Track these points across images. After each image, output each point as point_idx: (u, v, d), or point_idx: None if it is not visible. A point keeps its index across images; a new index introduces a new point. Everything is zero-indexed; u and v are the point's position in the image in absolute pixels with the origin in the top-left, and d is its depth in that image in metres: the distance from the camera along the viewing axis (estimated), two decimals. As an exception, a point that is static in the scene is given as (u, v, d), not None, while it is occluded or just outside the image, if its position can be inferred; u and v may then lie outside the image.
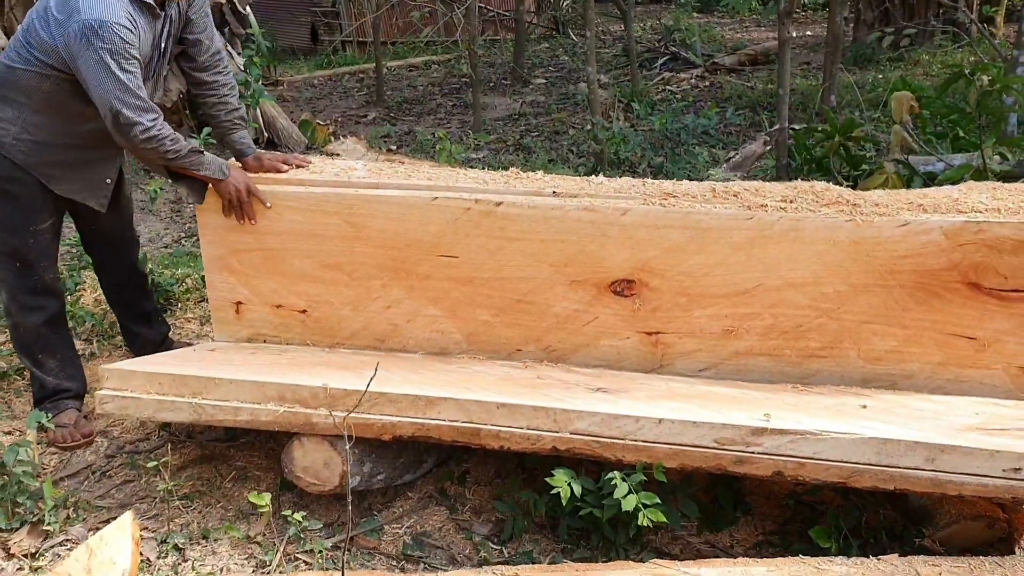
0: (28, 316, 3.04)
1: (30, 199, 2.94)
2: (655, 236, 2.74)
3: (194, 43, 3.03)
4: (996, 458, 2.15)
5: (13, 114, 2.85)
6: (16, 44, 2.85)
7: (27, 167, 2.89)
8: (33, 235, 2.97)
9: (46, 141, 2.88)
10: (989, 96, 4.33)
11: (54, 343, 3.12)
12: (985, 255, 2.55)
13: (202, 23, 3.03)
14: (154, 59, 2.91)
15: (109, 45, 2.64)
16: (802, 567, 2.18)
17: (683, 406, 2.43)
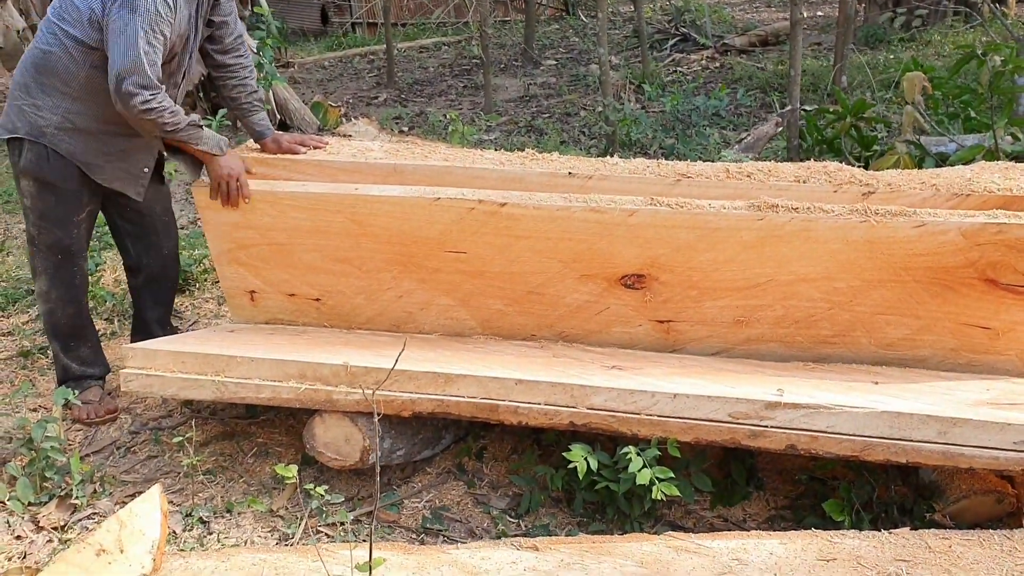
0: (67, 307, 3.10)
1: (73, 190, 2.98)
2: (663, 235, 2.71)
3: (220, 25, 3.07)
4: (1007, 431, 2.19)
5: (52, 103, 2.88)
6: (48, 25, 2.87)
7: (70, 156, 2.93)
8: (76, 226, 3.03)
9: (86, 129, 2.92)
10: (1001, 77, 4.34)
11: (88, 333, 3.19)
12: (1004, 254, 2.52)
13: (228, 6, 3.08)
14: (190, 38, 2.95)
15: (145, 14, 2.69)
16: (815, 540, 2.23)
17: (697, 381, 2.47)
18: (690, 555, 2.18)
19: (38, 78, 2.89)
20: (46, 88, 2.87)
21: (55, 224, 2.99)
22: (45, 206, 2.96)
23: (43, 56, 2.86)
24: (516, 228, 2.79)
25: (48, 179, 2.94)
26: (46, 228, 2.99)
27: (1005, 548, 2.18)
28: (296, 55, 11.33)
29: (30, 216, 3.01)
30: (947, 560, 2.12)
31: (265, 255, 3.05)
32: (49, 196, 2.95)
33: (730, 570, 2.12)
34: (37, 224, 3.00)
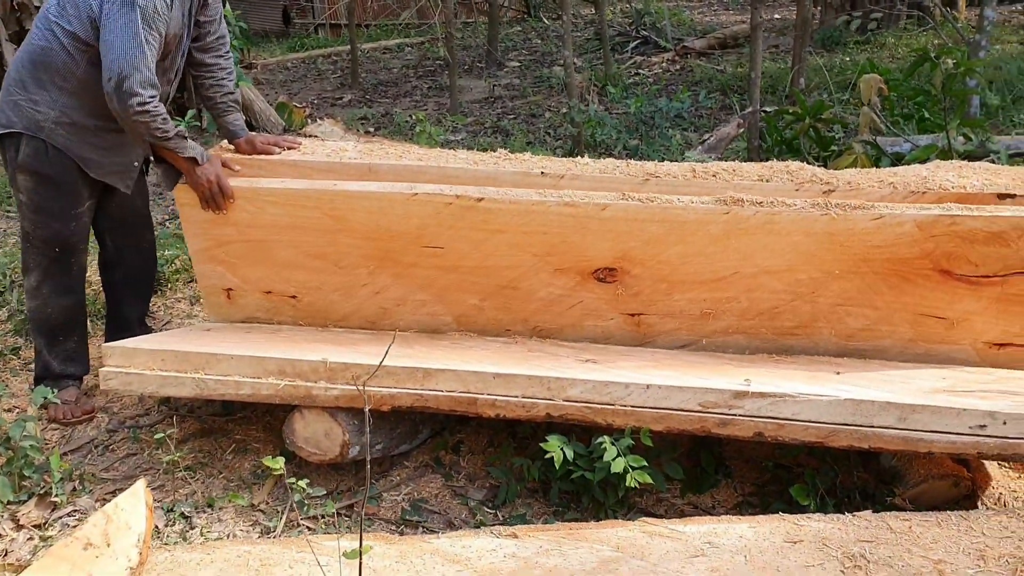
0: (62, 298, 3.11)
1: (71, 183, 3.01)
2: (635, 229, 2.80)
3: (206, 24, 3.11)
4: (963, 416, 2.30)
5: (50, 98, 2.91)
6: (45, 22, 2.89)
7: (67, 150, 2.96)
8: (75, 219, 3.05)
9: (82, 124, 2.95)
10: (953, 79, 4.50)
11: (79, 325, 3.21)
12: (957, 245, 2.64)
13: (215, 6, 3.12)
14: (183, 38, 2.99)
15: (143, 11, 2.73)
16: (782, 523, 2.33)
17: (669, 373, 2.56)
18: (664, 539, 2.27)
19: (35, 73, 2.91)
20: (43, 83, 2.90)
21: (54, 218, 3.01)
22: (43, 200, 2.98)
23: (41, 52, 2.89)
24: (492, 222, 2.86)
25: (47, 173, 2.97)
26: (43, 222, 3.01)
27: (962, 528, 2.29)
28: (259, 56, 11.30)
29: (26, 211, 3.03)
30: (907, 540, 2.22)
31: (243, 252, 3.08)
32: (48, 190, 2.98)
33: (702, 553, 2.21)
34: (33, 219, 3.02)
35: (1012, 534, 2.25)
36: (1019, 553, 2.16)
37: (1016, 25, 10.29)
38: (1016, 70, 7.04)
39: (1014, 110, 6.50)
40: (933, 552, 2.17)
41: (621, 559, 2.20)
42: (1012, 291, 2.67)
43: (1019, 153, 4.83)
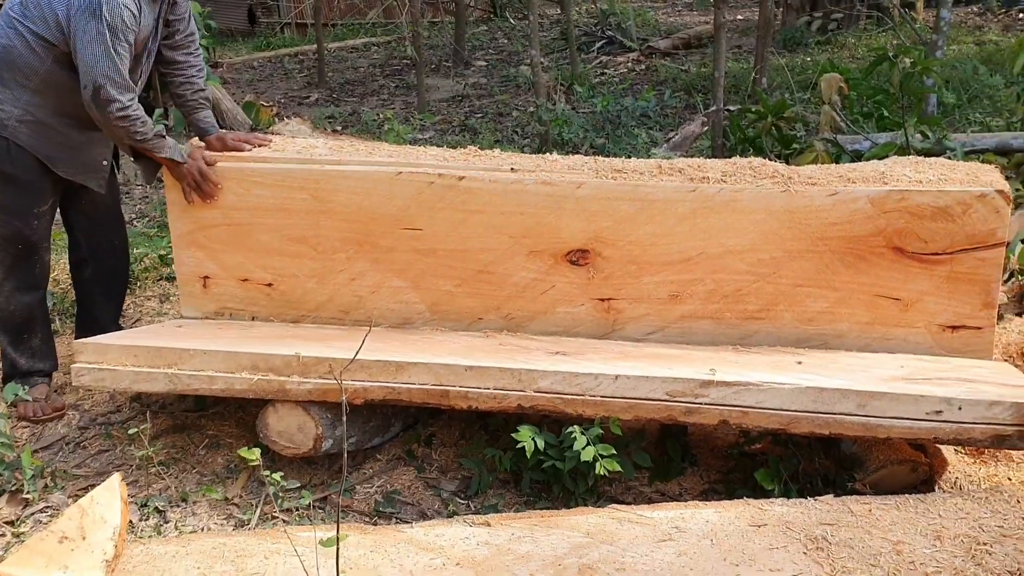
0: (24, 295, 3.11)
1: (33, 182, 3.00)
2: (607, 208, 2.93)
3: (175, 22, 3.13)
4: (920, 402, 2.39)
5: (13, 95, 2.91)
6: (7, 20, 2.89)
7: (31, 149, 2.96)
8: (37, 217, 3.05)
9: (46, 122, 2.95)
10: (911, 78, 4.61)
11: (42, 323, 3.20)
12: (908, 221, 2.80)
13: (184, 5, 3.14)
14: (150, 41, 3.01)
15: (111, 22, 2.75)
16: (747, 508, 2.39)
17: (636, 364, 2.63)
18: (633, 524, 2.33)
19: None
20: (5, 81, 2.90)
21: (15, 216, 3.00)
22: (5, 198, 2.98)
23: (2, 50, 2.88)
24: (472, 202, 2.97)
25: (8, 172, 2.97)
26: (4, 220, 3.00)
27: (919, 510, 2.38)
28: (225, 55, 11.24)
29: None
30: (867, 522, 2.30)
31: (224, 236, 3.15)
32: (9, 188, 2.97)
33: (670, 537, 2.27)
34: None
35: (967, 515, 2.33)
36: (974, 533, 2.25)
37: (972, 26, 10.52)
38: (971, 70, 7.21)
39: (969, 109, 6.66)
40: (892, 533, 2.25)
41: (591, 544, 2.25)
42: (960, 269, 2.81)
43: (975, 151, 4.96)
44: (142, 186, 5.95)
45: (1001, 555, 2.15)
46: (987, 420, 2.38)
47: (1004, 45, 8.66)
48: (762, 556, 2.17)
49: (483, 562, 2.19)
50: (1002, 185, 2.83)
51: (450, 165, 3.06)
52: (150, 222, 5.32)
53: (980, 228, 2.80)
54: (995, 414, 2.38)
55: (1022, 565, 2.11)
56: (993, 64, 7.77)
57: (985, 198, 2.79)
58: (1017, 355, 3.24)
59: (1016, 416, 2.37)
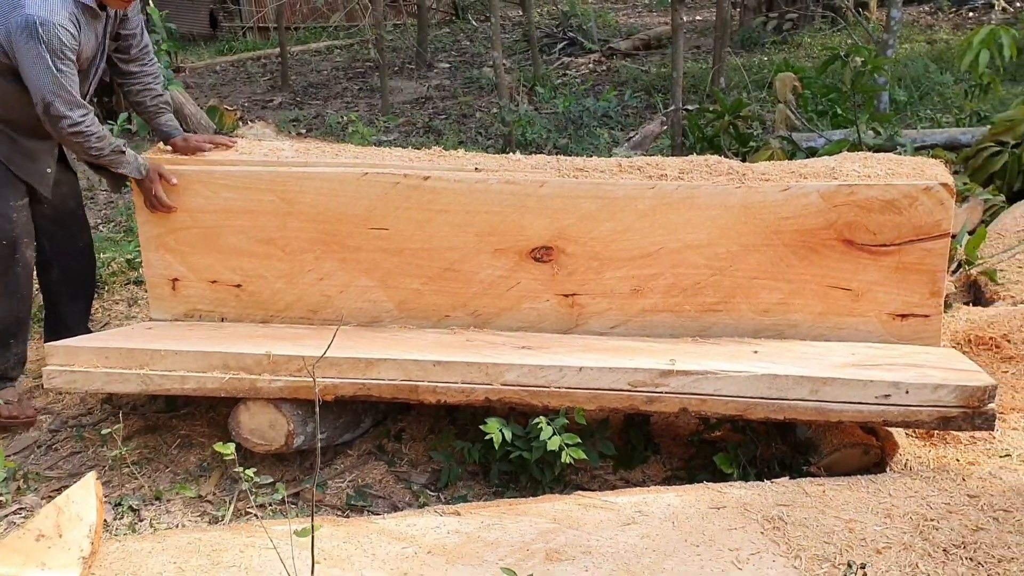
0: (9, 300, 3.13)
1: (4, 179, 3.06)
2: (570, 205, 3.01)
3: (127, 36, 3.18)
4: (869, 387, 2.50)
5: None
6: None
7: None
8: (16, 210, 3.09)
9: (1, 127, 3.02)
10: (862, 76, 4.76)
11: (25, 327, 3.23)
12: (857, 214, 2.92)
13: (136, 20, 3.19)
14: (96, 56, 3.06)
15: (48, 43, 2.80)
16: (707, 492, 2.49)
17: (600, 356, 2.71)
18: (598, 510, 2.41)
19: None
20: None
21: None
22: None
23: None
24: (437, 201, 3.04)
25: None
26: None
27: (871, 490, 2.49)
28: (186, 60, 11.19)
29: None
30: (821, 502, 2.41)
31: (193, 239, 3.19)
32: None
33: (633, 521, 2.36)
34: None
35: (916, 494, 2.45)
36: (922, 511, 2.36)
37: (924, 25, 10.78)
38: (923, 68, 7.40)
39: (920, 106, 6.85)
40: (845, 512, 2.36)
41: (558, 529, 2.33)
42: (907, 260, 2.93)
43: (924, 146, 5.12)
44: (106, 191, 5.94)
45: (947, 530, 2.27)
46: (933, 403, 2.50)
47: (954, 44, 8.89)
48: (721, 537, 2.27)
49: (454, 549, 2.27)
50: (946, 178, 2.96)
51: (415, 166, 3.13)
52: (116, 227, 5.32)
53: (926, 220, 2.92)
54: (940, 397, 2.49)
55: (967, 539, 2.22)
56: (944, 62, 7.99)
57: (930, 191, 2.91)
58: (964, 342, 3.37)
59: (960, 398, 2.48)
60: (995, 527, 2.28)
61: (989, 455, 2.85)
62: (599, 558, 2.19)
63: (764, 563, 2.15)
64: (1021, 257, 3.85)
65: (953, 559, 2.16)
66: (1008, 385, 3.17)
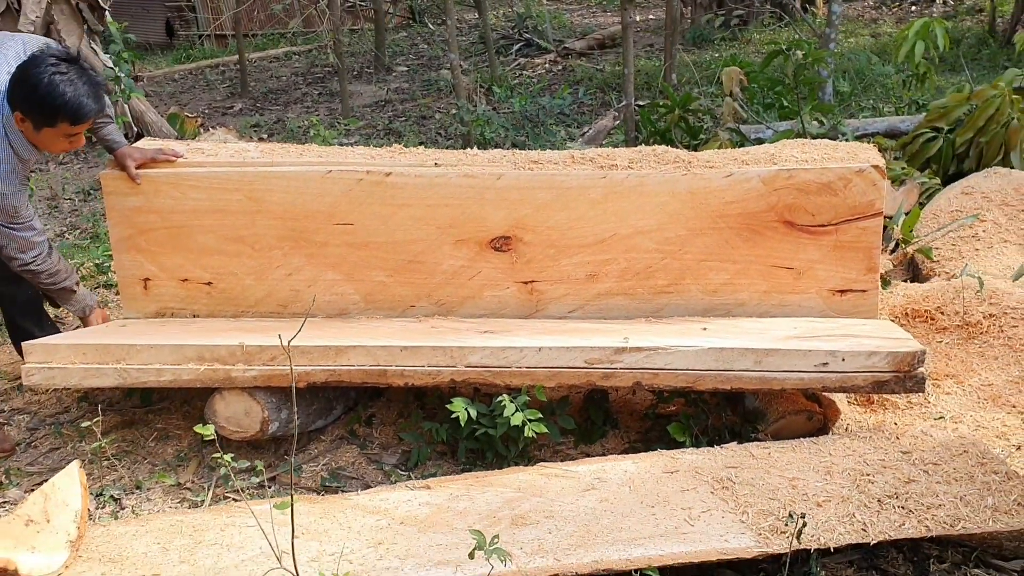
0: None
1: None
2: (526, 196, 3.17)
3: None
4: (808, 356, 2.68)
5: None
6: None
7: None
8: None
9: None
10: (803, 69, 4.97)
11: None
12: (796, 197, 3.11)
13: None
14: None
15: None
16: (661, 458, 2.66)
17: (558, 338, 2.87)
18: (559, 479, 2.57)
19: None
20: None
21: None
22: None
23: None
24: (399, 196, 3.19)
25: None
26: None
27: (812, 451, 2.67)
28: (144, 68, 11.19)
29: None
30: (767, 464, 2.58)
31: (163, 239, 3.29)
32: None
33: (592, 487, 2.52)
34: None
35: (853, 452, 2.63)
36: (859, 467, 2.54)
37: (868, 19, 11.09)
38: (866, 60, 7.66)
39: (863, 96, 7.11)
40: (788, 472, 2.53)
41: (523, 498, 2.48)
42: (844, 238, 3.13)
43: (866, 134, 5.35)
44: (70, 200, 6.00)
45: (882, 483, 2.45)
46: (867, 368, 2.68)
47: (897, 37, 9.18)
48: (675, 498, 2.43)
49: (425, 519, 2.41)
50: (878, 161, 3.15)
51: (377, 163, 3.26)
52: (82, 233, 5.39)
53: (860, 200, 3.12)
54: (874, 363, 2.68)
55: (899, 490, 2.41)
56: (886, 55, 8.26)
57: (863, 173, 3.11)
58: (902, 315, 3.57)
59: (892, 364, 2.67)
60: (925, 479, 2.47)
61: (924, 418, 3.05)
62: (561, 521, 2.34)
63: (714, 519, 2.32)
64: (954, 236, 4.07)
65: (887, 508, 2.34)
66: (942, 354, 3.38)
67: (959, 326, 3.45)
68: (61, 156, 7.20)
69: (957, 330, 3.45)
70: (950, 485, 2.43)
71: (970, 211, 4.14)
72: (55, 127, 2.92)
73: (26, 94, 2.86)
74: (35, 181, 5.19)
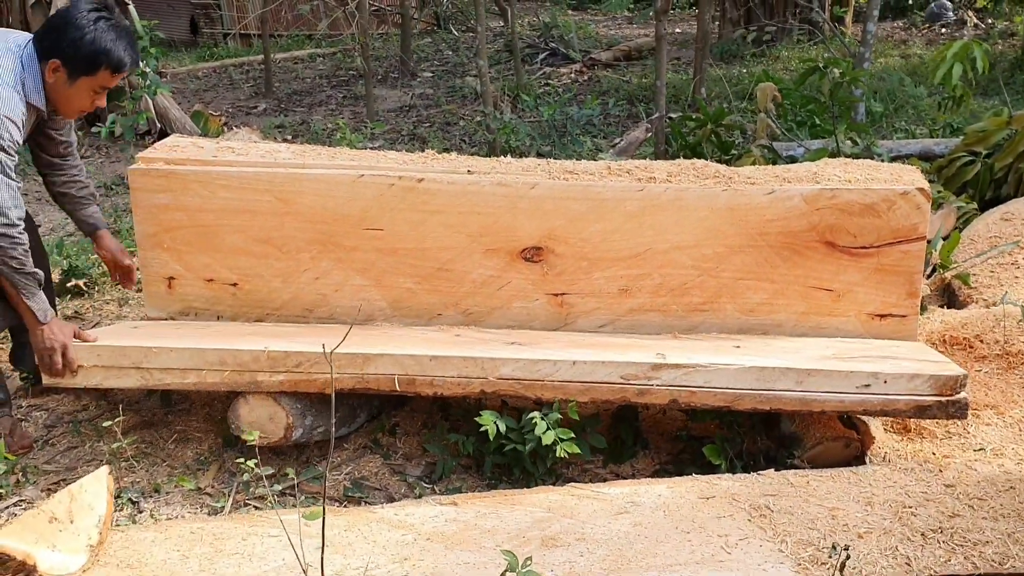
0: None
1: None
2: (560, 207, 3.10)
3: (54, 135, 3.11)
4: (850, 377, 2.61)
5: None
6: None
7: None
8: None
9: None
10: (840, 87, 4.89)
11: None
12: (838, 217, 3.02)
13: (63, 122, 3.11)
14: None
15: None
16: (696, 483, 2.58)
17: (590, 351, 2.80)
18: (591, 500, 2.50)
19: None
20: None
21: None
22: None
23: None
24: (431, 203, 3.12)
25: None
26: None
27: (852, 481, 2.59)
28: (168, 65, 11.20)
29: None
30: (806, 492, 2.50)
31: (189, 238, 3.23)
32: None
33: (625, 511, 2.44)
34: None
35: (894, 483, 2.55)
36: (901, 499, 2.46)
37: (898, 40, 11.00)
38: (897, 81, 7.58)
39: (896, 117, 7.02)
40: (828, 501, 2.45)
41: (552, 519, 2.41)
42: (886, 261, 3.04)
43: (900, 156, 5.26)
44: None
45: (925, 516, 2.37)
46: (909, 392, 2.62)
47: (928, 58, 9.10)
48: (711, 524, 2.36)
49: (452, 536, 2.34)
50: (923, 184, 3.08)
51: (410, 168, 3.20)
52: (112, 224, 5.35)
53: (904, 223, 3.04)
54: (916, 386, 2.61)
55: (944, 524, 2.33)
56: (917, 76, 8.18)
57: (907, 195, 3.02)
58: (940, 342, 3.48)
59: (934, 387, 2.60)
60: (970, 514, 2.38)
61: (963, 449, 2.96)
62: (593, 544, 2.27)
63: (752, 547, 2.24)
64: (992, 262, 3.98)
65: (931, 543, 2.26)
66: (981, 384, 3.29)
67: (999, 355, 3.36)
68: (84, 149, 7.17)
69: (997, 359, 3.36)
70: (997, 521, 2.35)
71: (1010, 238, 4.05)
72: (94, 75, 2.80)
73: (72, 38, 2.74)
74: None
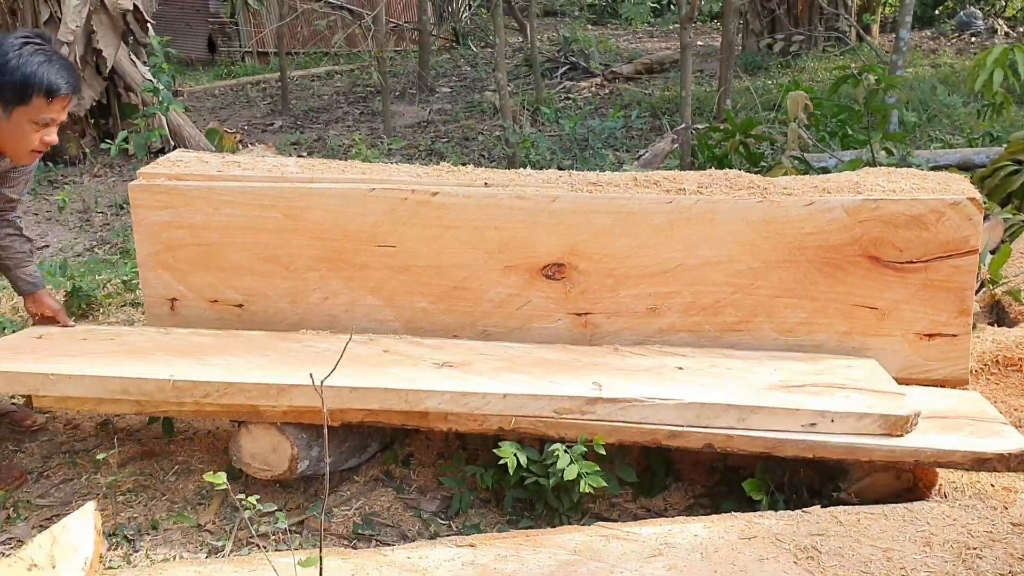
0: None
1: None
2: (583, 221, 2.90)
3: (3, 190, 2.99)
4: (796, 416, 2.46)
5: None
6: None
7: None
8: None
9: None
10: (875, 95, 4.67)
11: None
12: (882, 230, 2.80)
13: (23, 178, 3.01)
14: None
15: None
16: (736, 522, 2.36)
17: (526, 381, 2.59)
18: (620, 541, 2.28)
19: None
20: None
21: None
22: None
23: None
24: (446, 218, 2.93)
25: None
26: None
27: (907, 519, 2.36)
28: (184, 84, 11.15)
29: None
30: (856, 531, 2.28)
31: (192, 257, 3.06)
32: None
33: (659, 552, 2.23)
34: None
35: (955, 522, 2.32)
36: (963, 539, 2.23)
37: (927, 50, 10.76)
38: (930, 90, 7.35)
39: (930, 127, 6.78)
40: (881, 541, 2.23)
41: (579, 562, 2.20)
42: (935, 277, 2.82)
43: (938, 166, 5.03)
44: (102, 213, 5.84)
45: (991, 559, 2.14)
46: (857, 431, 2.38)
47: (959, 67, 8.86)
48: (753, 567, 2.14)
49: (469, 582, 2.13)
50: (973, 193, 2.85)
51: (423, 181, 3.03)
52: (112, 249, 5.21)
53: (953, 236, 2.81)
54: (864, 426, 2.38)
55: (1014, 568, 2.10)
56: (950, 85, 7.93)
57: (958, 206, 2.80)
58: (992, 363, 3.25)
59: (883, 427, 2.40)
60: (1043, 557, 2.15)
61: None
62: (624, 591, 2.06)
63: (800, 595, 2.02)
64: (1046, 276, 3.75)
65: (1001, 590, 2.03)
66: (1040, 408, 3.06)
67: (1058, 377, 3.13)
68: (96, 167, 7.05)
69: (1056, 382, 3.13)
70: (1073, 565, 2.11)
71: (1062, 250, 3.81)
72: (28, 104, 2.65)
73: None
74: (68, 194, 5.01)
